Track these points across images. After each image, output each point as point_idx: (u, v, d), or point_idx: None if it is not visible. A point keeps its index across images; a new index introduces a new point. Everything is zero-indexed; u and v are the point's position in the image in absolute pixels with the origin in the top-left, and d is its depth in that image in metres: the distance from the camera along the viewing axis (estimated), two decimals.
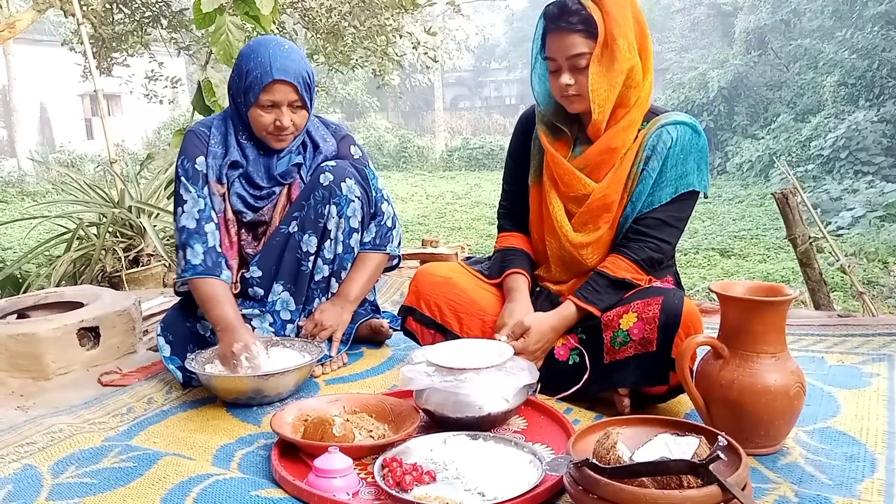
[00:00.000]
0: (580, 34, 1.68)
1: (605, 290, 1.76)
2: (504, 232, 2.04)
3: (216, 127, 2.09)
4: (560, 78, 1.73)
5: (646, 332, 1.66)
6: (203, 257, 1.97)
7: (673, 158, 1.74)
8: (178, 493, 1.35)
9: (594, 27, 1.67)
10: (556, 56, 1.72)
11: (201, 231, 1.99)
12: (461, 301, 1.92)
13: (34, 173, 15.50)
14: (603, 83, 1.70)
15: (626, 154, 1.77)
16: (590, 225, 1.82)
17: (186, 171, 2.03)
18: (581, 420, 1.70)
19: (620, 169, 1.77)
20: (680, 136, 1.74)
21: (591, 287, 1.77)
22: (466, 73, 32.78)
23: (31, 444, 1.64)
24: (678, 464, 1.16)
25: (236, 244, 2.10)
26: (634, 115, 1.76)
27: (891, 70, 13.92)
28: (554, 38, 1.72)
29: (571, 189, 1.82)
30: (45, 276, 3.62)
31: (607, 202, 1.78)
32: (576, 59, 1.70)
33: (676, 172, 1.74)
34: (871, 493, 1.31)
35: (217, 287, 1.96)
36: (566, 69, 1.72)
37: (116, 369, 2.19)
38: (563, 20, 1.69)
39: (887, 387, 1.81)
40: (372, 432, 1.58)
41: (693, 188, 1.75)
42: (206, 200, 2.02)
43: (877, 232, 9.14)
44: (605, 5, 1.67)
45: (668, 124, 1.75)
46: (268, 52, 1.95)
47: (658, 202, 1.75)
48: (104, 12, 6.82)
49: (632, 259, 1.76)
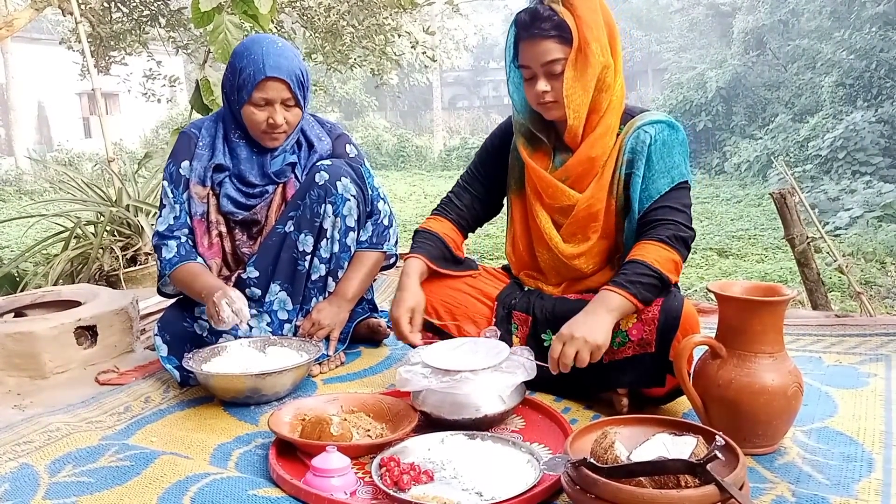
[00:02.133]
0: (554, 40, 1.66)
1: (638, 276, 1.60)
2: (435, 216, 2.00)
3: (206, 128, 2.10)
4: (536, 85, 1.71)
5: (644, 332, 1.65)
6: (176, 250, 2.04)
7: (657, 153, 1.71)
8: (175, 492, 1.35)
9: (567, 32, 1.65)
10: (530, 63, 1.70)
11: (172, 234, 2.06)
12: (457, 302, 1.92)
13: (32, 172, 15.47)
14: (578, 88, 1.68)
15: (608, 161, 1.75)
16: (578, 235, 1.81)
17: (171, 174, 2.08)
18: (579, 419, 1.70)
19: (603, 177, 1.75)
20: (658, 132, 1.72)
21: (625, 273, 1.62)
22: (465, 73, 32.78)
23: (27, 442, 1.64)
24: (676, 463, 1.16)
25: (217, 245, 2.11)
26: (610, 121, 1.74)
27: (889, 71, 13.93)
28: (527, 46, 1.69)
29: (556, 201, 1.81)
30: (43, 275, 3.62)
31: (592, 211, 1.77)
32: (551, 65, 1.67)
33: (665, 164, 1.71)
34: (869, 493, 1.31)
35: (192, 266, 2.02)
36: (541, 76, 1.69)
37: (114, 368, 2.18)
38: (535, 27, 1.67)
39: (884, 387, 1.82)
40: (369, 431, 1.58)
41: (685, 178, 1.73)
42: (182, 207, 2.07)
43: (874, 232, 9.14)
44: (576, 9, 1.65)
45: (645, 125, 1.73)
46: (261, 50, 1.95)
47: (657, 193, 1.71)
48: (102, 11, 6.81)
49: (657, 239, 1.65)
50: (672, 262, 1.64)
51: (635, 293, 1.60)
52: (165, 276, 2.06)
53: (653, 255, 1.63)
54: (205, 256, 2.08)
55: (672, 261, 1.64)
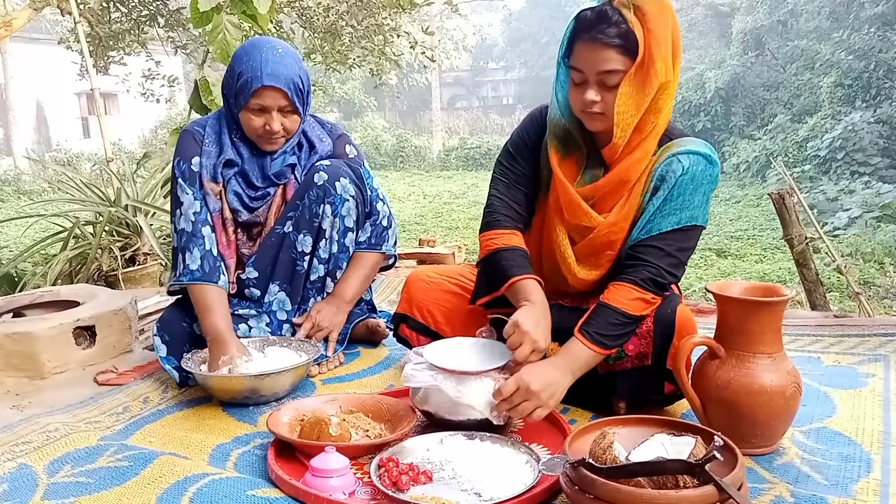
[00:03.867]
0: (616, 49, 1.49)
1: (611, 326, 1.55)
2: (498, 229, 1.74)
3: (210, 126, 2.09)
4: (585, 93, 1.55)
5: (641, 346, 1.64)
6: (200, 262, 1.97)
7: (680, 188, 1.58)
8: (174, 492, 1.35)
9: (633, 43, 1.49)
10: (584, 68, 1.54)
11: (198, 234, 1.99)
12: (454, 307, 1.91)
13: (30, 172, 15.46)
14: (631, 105, 1.53)
15: (636, 185, 1.62)
16: (591, 258, 1.70)
17: (183, 172, 2.04)
18: (577, 420, 1.70)
19: (629, 202, 1.63)
20: (692, 165, 1.58)
21: (596, 322, 1.56)
22: (464, 73, 32.79)
23: (26, 443, 1.64)
24: (674, 464, 1.16)
25: (234, 243, 2.10)
26: (649, 146, 1.60)
27: (887, 71, 13.95)
28: (585, 48, 1.53)
29: (576, 220, 1.68)
30: (41, 275, 3.62)
31: (612, 239, 1.65)
32: (607, 75, 1.52)
33: (682, 203, 1.58)
34: (867, 493, 1.31)
35: (212, 294, 1.95)
36: (594, 84, 1.54)
37: (112, 368, 2.18)
38: (598, 30, 1.50)
39: (883, 387, 1.82)
40: (368, 432, 1.58)
41: (697, 223, 1.60)
42: (201, 202, 2.02)
43: (873, 232, 9.15)
44: (648, 21, 1.48)
45: (681, 153, 1.59)
46: (260, 56, 1.94)
47: (657, 230, 1.59)
48: (101, 11, 6.80)
49: (630, 281, 1.57)
50: (641, 301, 1.57)
51: (607, 345, 1.55)
52: (182, 283, 1.99)
53: (623, 298, 1.56)
54: (224, 255, 2.06)
55: (641, 300, 1.57)
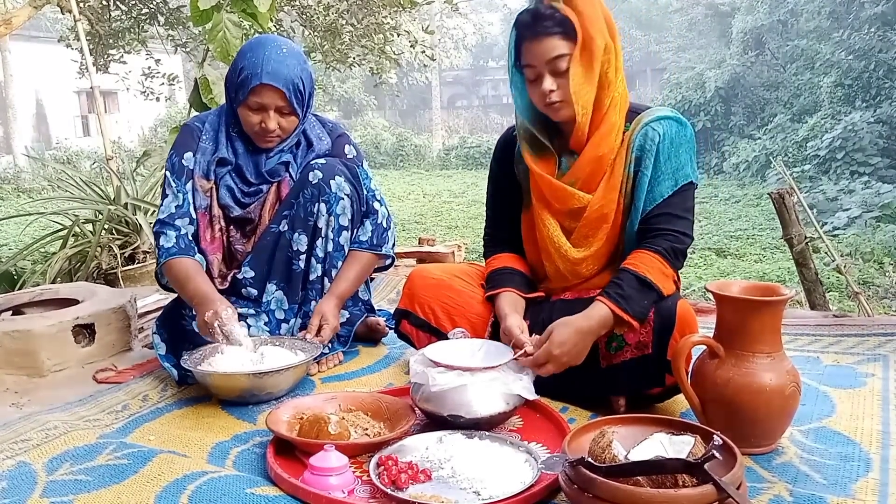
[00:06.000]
0: (558, 36, 1.63)
1: (633, 290, 1.61)
2: (493, 255, 1.95)
3: (210, 122, 2.10)
4: (541, 85, 1.67)
5: (641, 335, 1.65)
6: (175, 241, 2.00)
7: (664, 153, 1.69)
8: (173, 490, 1.35)
9: (571, 28, 1.63)
10: (534, 63, 1.67)
11: (173, 222, 2.02)
12: (455, 304, 1.91)
13: (30, 170, 15.46)
14: (584, 83, 1.66)
15: (616, 160, 1.72)
16: (590, 238, 1.77)
17: (173, 165, 2.06)
18: (577, 419, 1.70)
19: (612, 176, 1.72)
20: (666, 130, 1.69)
21: (619, 285, 1.63)
22: (464, 72, 32.74)
23: (25, 440, 1.64)
24: (673, 463, 1.16)
25: (220, 239, 2.10)
26: (614, 118, 1.71)
27: (887, 71, 13.94)
28: (531, 45, 1.66)
29: (565, 204, 1.77)
30: (41, 273, 3.62)
31: (604, 212, 1.74)
32: (556, 61, 1.64)
33: (671, 166, 1.69)
34: (866, 493, 1.32)
35: (188, 263, 1.98)
36: (547, 75, 1.66)
37: (111, 366, 2.18)
38: (538, 25, 1.64)
39: (882, 387, 1.82)
40: (367, 430, 1.58)
41: (690, 179, 1.71)
42: (185, 196, 2.04)
43: (872, 232, 9.15)
44: (576, 6, 1.63)
45: (652, 121, 1.71)
46: (263, 54, 1.95)
47: (659, 197, 1.69)
48: (101, 9, 6.80)
49: (654, 250, 1.65)
50: (666, 276, 1.65)
51: (628, 309, 1.60)
52: (161, 264, 2.02)
53: (648, 267, 1.63)
54: (206, 251, 2.07)
55: (666, 275, 1.65)
